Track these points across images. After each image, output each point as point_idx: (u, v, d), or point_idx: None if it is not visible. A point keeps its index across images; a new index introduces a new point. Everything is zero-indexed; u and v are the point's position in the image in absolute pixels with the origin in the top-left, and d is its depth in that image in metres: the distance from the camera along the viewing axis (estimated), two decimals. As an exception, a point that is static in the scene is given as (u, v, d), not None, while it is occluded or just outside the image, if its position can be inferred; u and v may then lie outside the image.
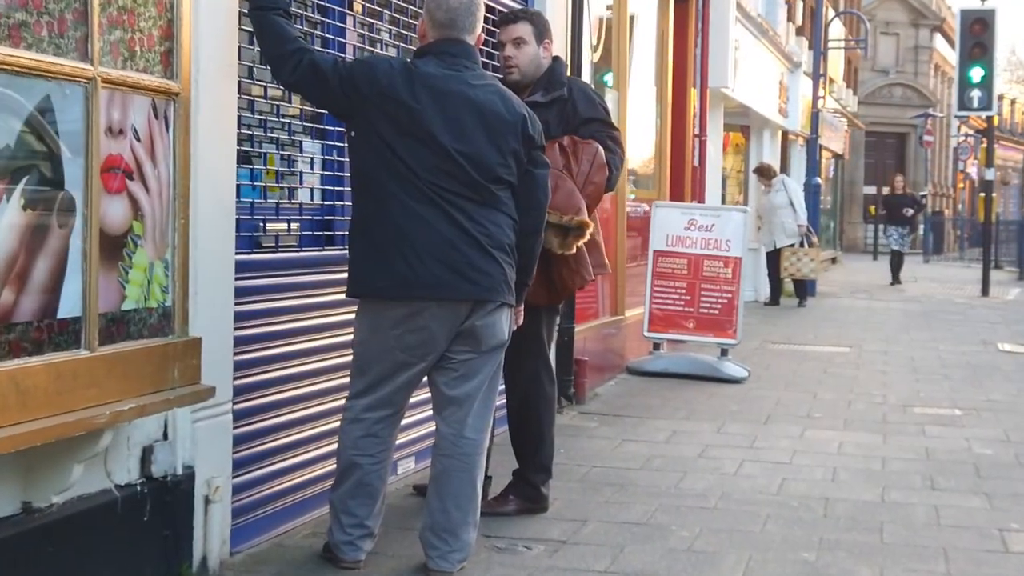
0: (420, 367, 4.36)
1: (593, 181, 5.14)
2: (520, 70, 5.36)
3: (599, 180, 5.18)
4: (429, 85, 4.24)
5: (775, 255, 16.78)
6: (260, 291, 4.72)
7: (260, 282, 4.72)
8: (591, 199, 5.13)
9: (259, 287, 4.71)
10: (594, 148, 5.19)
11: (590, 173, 5.13)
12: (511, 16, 5.44)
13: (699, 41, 12.50)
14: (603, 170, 5.19)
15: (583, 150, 5.16)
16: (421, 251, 4.20)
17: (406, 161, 4.21)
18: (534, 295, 4.77)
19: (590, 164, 5.15)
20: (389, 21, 5.81)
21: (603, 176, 5.19)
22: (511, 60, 5.37)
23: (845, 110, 30.15)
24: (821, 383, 9.90)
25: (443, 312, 4.27)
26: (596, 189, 5.17)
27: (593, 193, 5.15)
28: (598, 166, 5.17)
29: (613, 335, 9.79)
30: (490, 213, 4.33)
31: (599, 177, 5.18)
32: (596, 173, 5.17)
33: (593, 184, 5.14)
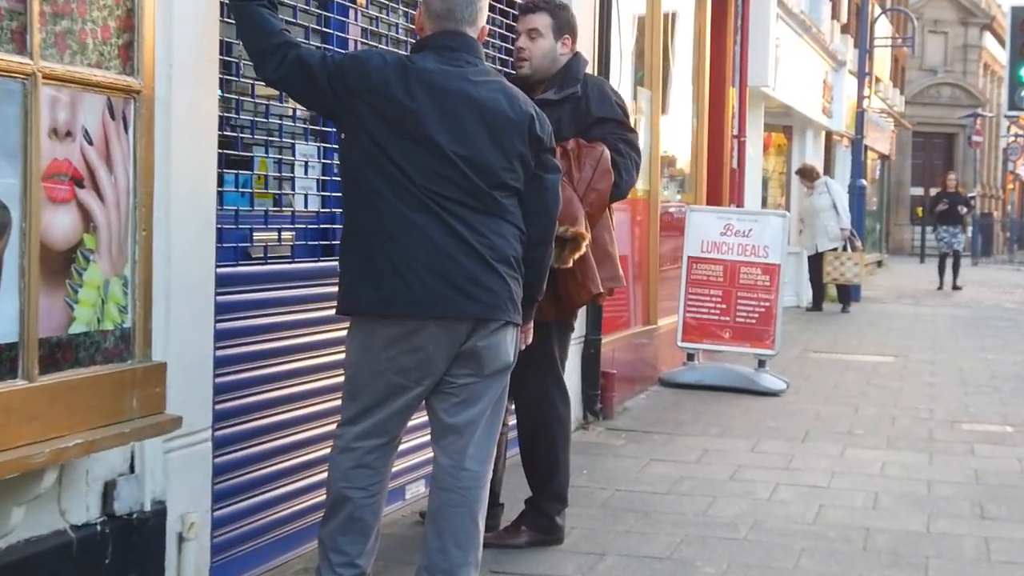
0: (417, 392, 3.96)
1: (596, 188, 4.73)
2: (531, 64, 4.98)
3: (603, 187, 4.77)
4: (426, 81, 3.85)
5: (817, 259, 16.29)
6: (246, 306, 4.35)
7: (246, 297, 4.35)
8: (594, 208, 4.72)
9: (245, 302, 4.34)
10: (599, 152, 4.78)
11: (593, 179, 4.72)
12: (530, 5, 5.03)
13: (738, 38, 12.05)
14: (608, 176, 4.78)
15: (587, 154, 4.75)
16: (416, 264, 3.80)
17: (400, 165, 3.81)
18: (542, 311, 4.37)
19: (593, 169, 4.73)
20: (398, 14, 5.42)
21: (608, 183, 4.78)
22: (523, 52, 4.99)
23: (892, 110, 29.51)
24: (864, 396, 9.43)
25: (441, 332, 3.87)
26: (599, 197, 4.76)
27: (596, 201, 4.74)
28: (602, 172, 4.76)
29: (645, 345, 9.37)
30: (493, 222, 3.93)
31: (603, 184, 4.77)
32: (600, 179, 4.76)
33: (596, 192, 4.73)
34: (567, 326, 5.01)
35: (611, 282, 4.88)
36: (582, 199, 4.66)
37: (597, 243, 4.79)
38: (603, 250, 4.82)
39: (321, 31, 4.86)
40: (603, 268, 4.80)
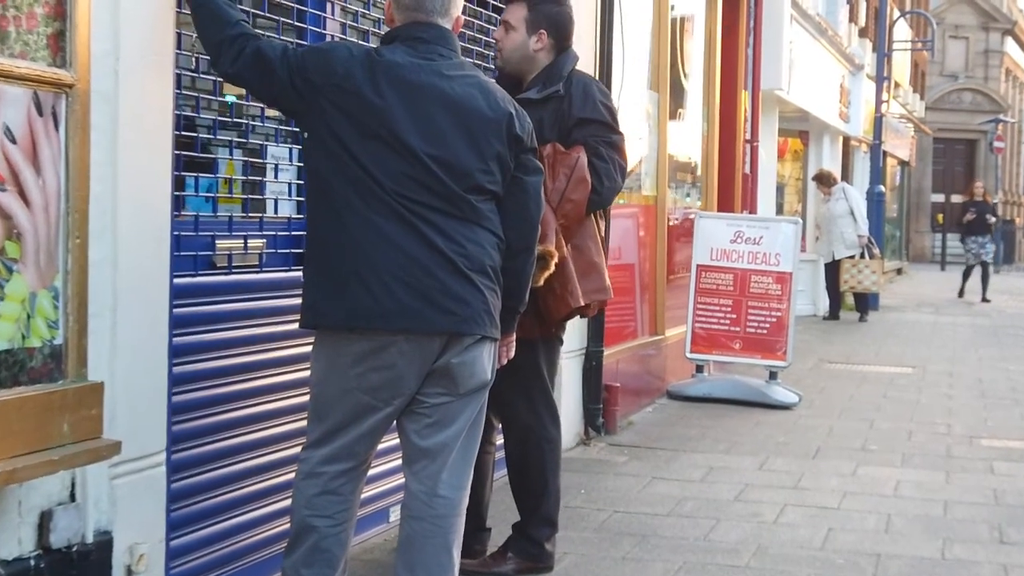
0: (386, 412, 3.65)
1: (571, 198, 4.42)
2: (503, 56, 4.72)
3: (578, 197, 4.45)
4: (394, 76, 3.55)
5: (834, 267, 15.95)
6: (207, 319, 4.06)
7: (207, 309, 4.06)
8: (569, 219, 4.41)
9: (206, 315, 4.05)
10: (573, 159, 4.46)
11: (567, 189, 4.41)
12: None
13: (751, 40, 11.72)
14: (583, 184, 4.46)
15: (561, 162, 4.44)
16: (385, 275, 3.50)
17: (367, 168, 3.51)
18: (524, 326, 4.07)
19: (567, 179, 4.42)
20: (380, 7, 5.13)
21: (584, 192, 4.46)
22: (497, 44, 4.74)
23: (911, 115, 29.14)
24: (879, 409, 9.08)
25: (412, 347, 3.57)
26: (575, 207, 4.44)
27: (571, 212, 4.42)
28: (577, 180, 4.45)
29: (652, 356, 9.04)
30: (469, 229, 3.63)
31: (578, 193, 4.45)
32: (575, 189, 4.44)
33: (571, 202, 4.42)
34: (556, 340, 4.70)
35: (596, 295, 4.57)
36: (555, 211, 4.36)
37: (581, 253, 4.49)
38: (588, 260, 4.52)
39: (295, 26, 4.58)
40: (588, 280, 4.50)
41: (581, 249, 4.50)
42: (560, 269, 4.30)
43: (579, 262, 4.47)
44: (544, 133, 4.45)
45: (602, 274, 4.59)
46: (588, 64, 7.11)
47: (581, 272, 4.47)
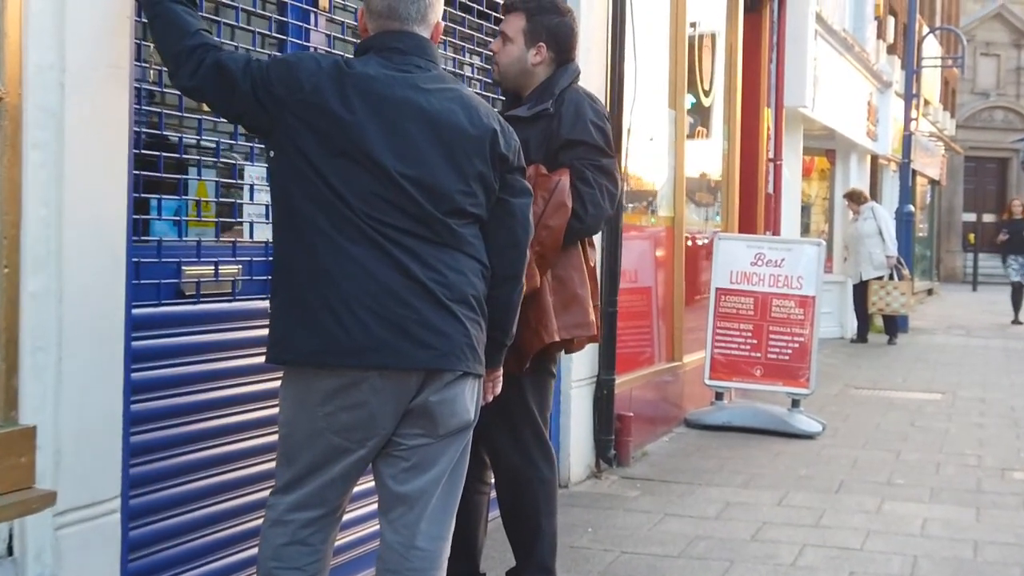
0: (359, 454, 3.34)
1: (548, 224, 4.07)
2: (499, 70, 4.41)
3: (556, 223, 4.11)
4: (366, 90, 3.25)
5: (862, 288, 15.58)
6: (171, 352, 3.77)
7: (171, 341, 3.77)
8: (545, 247, 4.05)
9: (170, 347, 3.76)
10: (554, 182, 4.13)
11: (544, 214, 4.05)
12: (509, 4, 4.43)
13: (774, 57, 11.39)
14: (562, 210, 4.12)
15: (541, 185, 4.09)
16: (356, 305, 3.20)
17: (337, 189, 3.21)
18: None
19: (545, 203, 4.08)
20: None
21: (562, 218, 4.12)
22: (494, 57, 4.43)
23: (942, 134, 28.69)
24: (907, 439, 8.71)
25: (386, 384, 3.26)
26: (551, 235, 4.09)
27: (548, 239, 4.06)
28: (556, 206, 4.11)
29: (669, 383, 8.70)
30: (449, 255, 3.32)
31: (556, 219, 4.11)
32: (553, 215, 4.10)
33: (547, 228, 4.06)
34: (545, 373, 4.37)
35: (578, 330, 4.22)
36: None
37: (564, 284, 4.17)
38: (570, 293, 4.19)
39: (276, 38, 4.30)
40: (568, 313, 4.17)
41: (563, 280, 4.18)
42: (535, 300, 3.99)
43: (561, 294, 4.15)
44: (530, 154, 4.13)
45: (585, 308, 4.24)
46: (599, 81, 6.83)
47: (562, 304, 4.15)
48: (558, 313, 4.13)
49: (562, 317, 4.14)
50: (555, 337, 4.10)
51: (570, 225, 4.13)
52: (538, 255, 4.03)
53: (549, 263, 4.10)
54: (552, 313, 4.10)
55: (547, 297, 4.08)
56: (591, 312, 4.25)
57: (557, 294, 4.13)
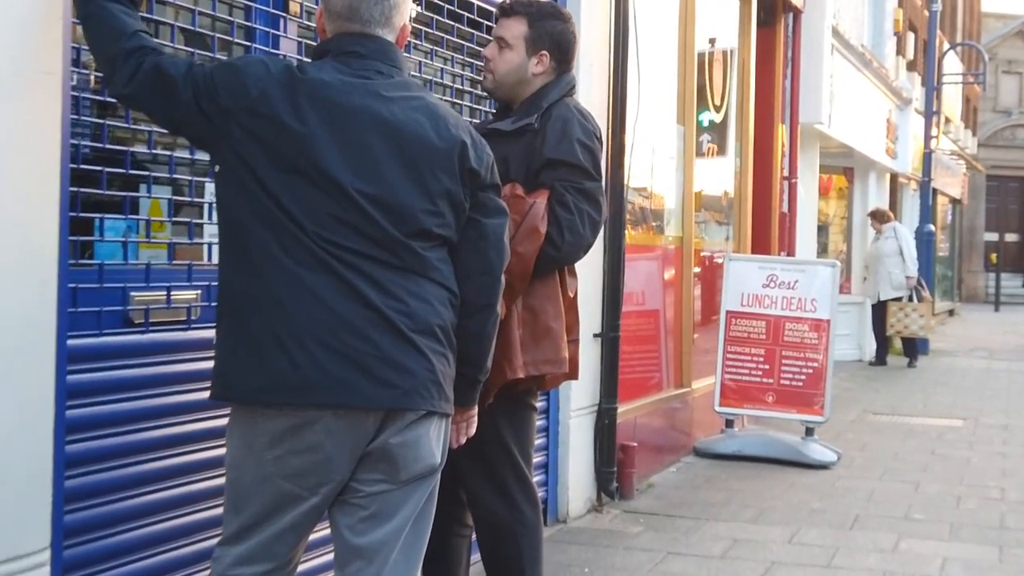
0: (313, 502, 3.01)
1: (517, 251, 3.67)
2: (494, 78, 4.03)
3: (526, 249, 3.75)
4: (320, 98, 2.93)
5: (880, 308, 15.19)
6: (116, 386, 3.44)
7: (116, 374, 3.45)
8: (514, 275, 3.64)
9: (114, 381, 3.44)
10: (528, 206, 3.78)
11: (514, 240, 3.67)
12: (508, 7, 4.05)
13: (788, 72, 11.05)
14: (534, 236, 3.77)
15: (514, 207, 3.73)
16: (307, 338, 2.88)
17: (287, 208, 2.89)
18: None
19: (516, 227, 3.72)
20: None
21: (533, 244, 3.77)
22: (488, 63, 4.05)
23: (963, 152, 28.27)
24: (926, 469, 8.33)
25: (341, 425, 2.94)
26: (520, 262, 3.72)
27: (516, 267, 3.66)
28: (527, 231, 3.76)
29: (677, 411, 8.35)
30: (412, 282, 3.00)
31: (527, 246, 3.75)
32: (524, 240, 3.74)
33: (516, 255, 3.65)
34: (525, 406, 4.01)
35: (547, 366, 3.86)
36: None
37: (536, 316, 3.82)
38: (542, 325, 3.83)
39: (242, 45, 3.99)
40: (538, 348, 3.82)
41: (535, 311, 3.82)
42: (500, 333, 3.61)
43: (532, 326, 3.80)
44: (509, 172, 3.81)
45: (558, 343, 3.87)
46: (601, 95, 6.51)
47: (532, 338, 3.80)
48: (527, 347, 3.79)
49: (531, 351, 3.79)
50: (519, 373, 3.75)
51: (544, 253, 3.79)
52: (505, 284, 3.68)
53: (517, 292, 3.75)
54: (518, 346, 3.75)
55: (514, 329, 3.74)
56: (564, 348, 3.89)
57: (527, 326, 3.79)
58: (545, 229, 3.80)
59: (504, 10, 4.07)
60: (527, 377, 3.83)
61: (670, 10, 8.22)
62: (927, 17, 18.70)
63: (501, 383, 3.73)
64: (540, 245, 3.79)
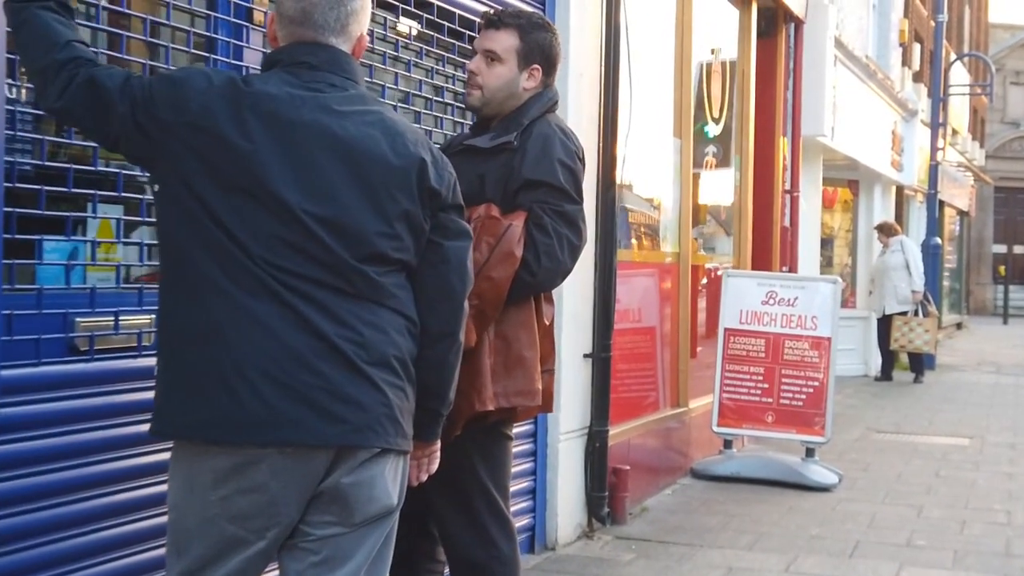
0: (259, 547, 2.79)
1: (490, 276, 3.49)
2: (483, 94, 3.79)
3: (499, 275, 3.53)
4: (266, 112, 2.72)
5: (885, 323, 14.95)
6: (56, 419, 3.24)
7: (56, 406, 3.24)
8: (485, 301, 3.48)
9: (54, 413, 3.23)
10: (503, 228, 3.56)
11: (487, 263, 3.49)
12: (495, 19, 3.81)
13: (790, 84, 10.83)
14: (510, 260, 3.55)
15: (488, 229, 3.55)
16: (253, 371, 2.67)
17: (232, 231, 2.69)
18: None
19: (490, 250, 3.52)
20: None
21: (508, 270, 3.54)
22: (474, 78, 3.80)
23: (971, 164, 28.02)
24: (930, 492, 8.09)
25: (288, 464, 2.73)
26: (493, 288, 3.52)
27: (488, 292, 3.49)
28: (502, 255, 3.54)
29: (673, 431, 8.12)
30: (366, 310, 2.79)
31: (500, 271, 3.53)
32: (498, 265, 3.53)
33: (489, 280, 3.49)
34: (499, 435, 3.79)
35: (519, 398, 3.62)
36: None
37: (508, 345, 3.60)
38: (515, 354, 3.61)
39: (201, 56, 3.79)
40: (510, 378, 3.59)
41: (508, 339, 3.60)
42: (469, 361, 3.43)
43: (504, 355, 3.58)
44: (485, 191, 3.61)
45: (531, 373, 3.64)
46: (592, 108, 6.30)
47: (504, 367, 3.58)
48: (498, 377, 3.57)
49: (502, 382, 3.58)
50: (488, 405, 3.53)
51: (519, 278, 3.57)
52: (476, 310, 3.47)
53: (489, 320, 3.53)
54: (489, 377, 3.54)
55: (485, 358, 3.52)
56: (537, 379, 3.67)
57: (499, 355, 3.58)
58: (521, 253, 3.58)
59: (492, 21, 3.83)
60: (497, 409, 3.61)
61: (665, 20, 8.02)
62: (933, 27, 18.47)
63: (469, 415, 3.52)
64: (515, 270, 3.57)
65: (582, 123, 6.24)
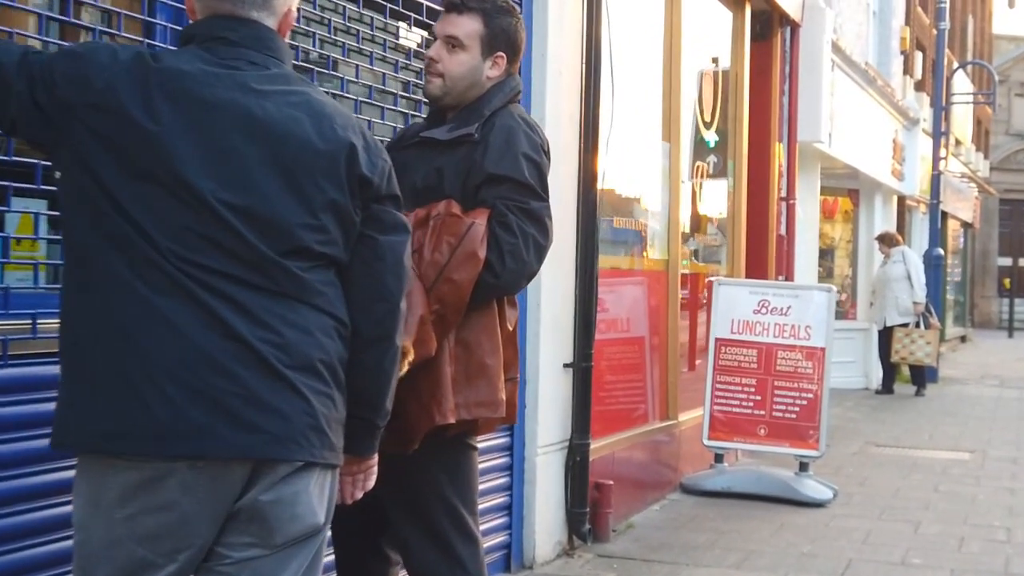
0: (170, 570, 2.52)
1: (451, 278, 3.25)
2: (444, 82, 3.52)
3: (462, 277, 3.27)
4: (176, 90, 2.47)
5: (886, 335, 14.66)
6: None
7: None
8: (446, 305, 3.24)
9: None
10: (465, 227, 3.30)
11: (448, 265, 3.25)
12: (458, 2, 3.53)
13: (786, 88, 10.57)
14: (472, 262, 3.28)
15: (449, 227, 3.29)
16: (160, 375, 2.41)
17: (138, 222, 2.43)
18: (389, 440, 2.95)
19: (451, 250, 3.27)
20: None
21: (471, 271, 3.28)
22: (434, 65, 3.52)
23: (975, 175, 27.73)
24: (928, 507, 7.80)
25: (200, 479, 2.47)
26: (455, 291, 3.26)
27: (449, 296, 3.24)
28: (465, 255, 3.28)
29: (662, 444, 7.84)
30: (288, 308, 2.53)
31: (463, 272, 3.27)
32: (459, 266, 3.27)
33: (451, 283, 3.24)
34: (461, 447, 3.50)
35: (481, 409, 3.36)
36: (429, 291, 3.23)
37: (470, 352, 3.34)
38: (477, 362, 3.34)
39: (137, 40, 3.54)
40: (472, 388, 3.33)
41: (470, 346, 3.34)
42: (429, 370, 3.19)
43: (465, 363, 3.32)
44: (443, 186, 3.36)
45: (494, 382, 3.38)
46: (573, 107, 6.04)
47: (465, 376, 3.31)
48: (459, 387, 3.30)
49: (464, 392, 3.31)
50: (449, 418, 3.27)
51: (482, 280, 3.30)
52: (437, 315, 3.22)
53: (451, 325, 3.27)
54: (450, 387, 3.27)
55: (445, 367, 3.26)
56: (501, 388, 3.39)
57: (460, 363, 3.31)
58: (484, 254, 3.32)
59: (453, 5, 3.56)
60: (459, 421, 3.35)
61: (653, 21, 7.78)
62: (935, 35, 18.20)
63: (428, 429, 3.26)
64: (478, 272, 3.31)
65: (561, 123, 5.99)
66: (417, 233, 3.28)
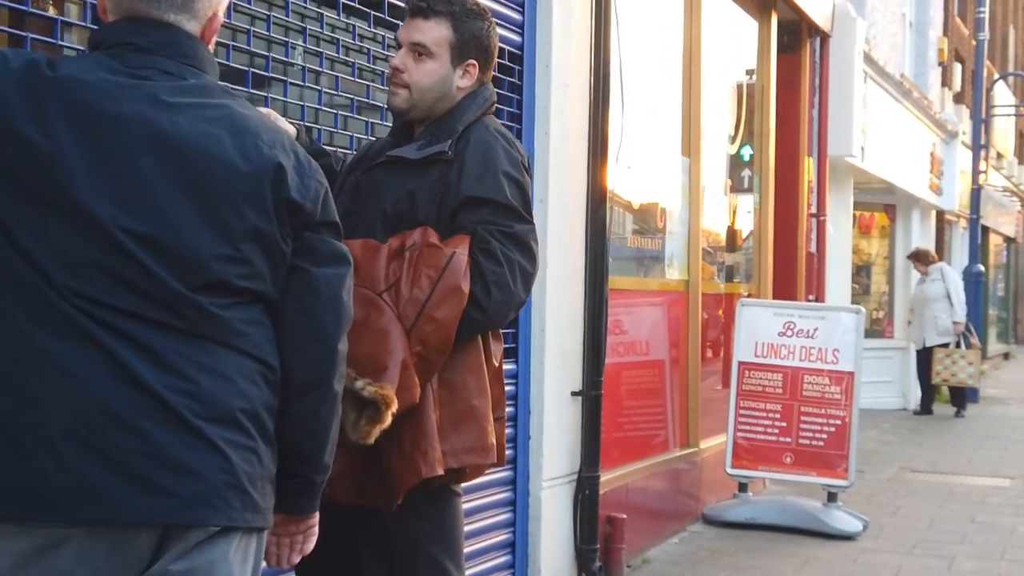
0: (67, 652, 2.22)
1: (434, 316, 2.92)
2: (411, 95, 3.18)
3: (445, 315, 2.93)
4: (73, 103, 2.17)
5: (926, 355, 14.19)
6: None
7: None
8: (429, 347, 2.92)
9: None
10: (446, 258, 2.96)
11: (430, 302, 2.92)
12: (423, 6, 3.20)
13: (816, 101, 10.20)
14: (456, 296, 2.95)
15: (427, 259, 2.97)
16: (53, 430, 2.12)
17: (30, 253, 2.14)
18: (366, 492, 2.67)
19: (432, 285, 2.94)
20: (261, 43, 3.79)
21: (455, 307, 2.94)
22: (399, 76, 3.19)
23: (1017, 188, 27.17)
24: (964, 540, 7.41)
25: (101, 548, 2.16)
26: (439, 331, 2.93)
27: (433, 337, 2.92)
28: (447, 291, 2.94)
29: (682, 473, 7.49)
30: (203, 352, 2.22)
31: (446, 309, 2.94)
32: (442, 302, 2.93)
33: (434, 322, 2.92)
34: (445, 494, 3.15)
35: (470, 456, 3.03)
36: (409, 333, 2.90)
37: (455, 394, 3.00)
38: (463, 405, 3.00)
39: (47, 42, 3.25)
40: (460, 434, 2.99)
41: (455, 387, 3.00)
42: (413, 419, 2.87)
43: (451, 406, 2.99)
44: (417, 212, 3.04)
45: (483, 425, 3.04)
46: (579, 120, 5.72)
47: (452, 421, 2.98)
48: (445, 434, 2.97)
49: (451, 439, 2.98)
50: (437, 469, 2.93)
51: (467, 316, 2.96)
52: (419, 358, 2.89)
53: (435, 368, 2.94)
54: (436, 435, 2.94)
55: (430, 414, 2.93)
56: (490, 431, 3.05)
57: (446, 407, 2.98)
58: (468, 287, 2.99)
59: (419, 9, 3.24)
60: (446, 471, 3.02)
61: (672, 32, 7.44)
62: (974, 46, 17.75)
63: (415, 483, 2.93)
64: (463, 308, 2.97)
65: (569, 137, 5.68)
66: (392, 266, 2.98)
